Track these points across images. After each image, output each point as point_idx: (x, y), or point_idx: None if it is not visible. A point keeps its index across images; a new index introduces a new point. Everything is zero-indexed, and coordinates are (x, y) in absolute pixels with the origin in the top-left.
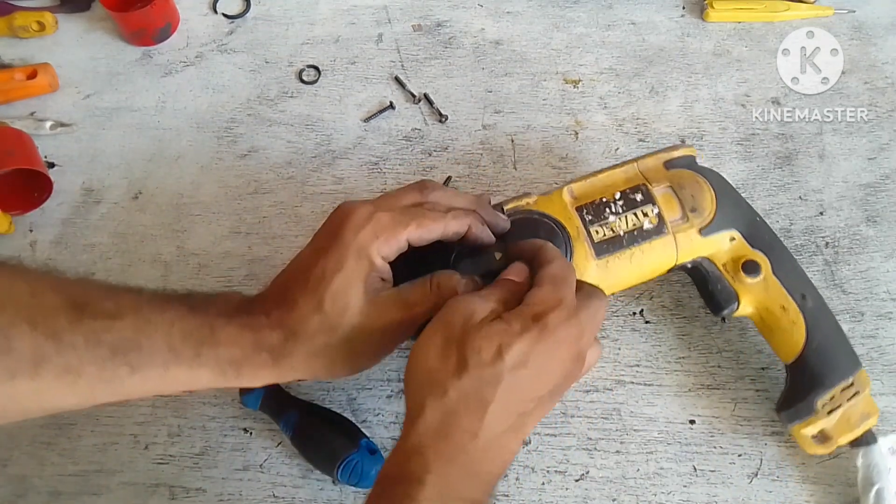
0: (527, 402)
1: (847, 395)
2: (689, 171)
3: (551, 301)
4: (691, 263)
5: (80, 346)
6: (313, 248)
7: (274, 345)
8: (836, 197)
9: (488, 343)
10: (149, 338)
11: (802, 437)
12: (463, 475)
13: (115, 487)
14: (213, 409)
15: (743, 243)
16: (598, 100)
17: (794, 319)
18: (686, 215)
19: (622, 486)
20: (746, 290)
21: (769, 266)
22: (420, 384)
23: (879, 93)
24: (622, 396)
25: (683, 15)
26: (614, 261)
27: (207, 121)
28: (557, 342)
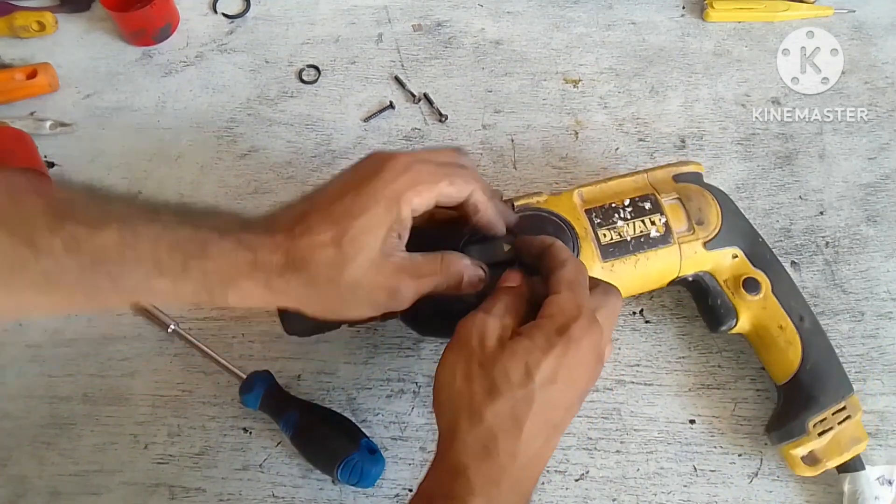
0: (559, 414)
1: (838, 418)
2: (696, 186)
3: (572, 310)
4: (693, 277)
5: (58, 253)
6: (342, 184)
7: (272, 266)
8: (836, 197)
9: (516, 363)
10: (133, 248)
11: (792, 457)
12: (505, 492)
13: (115, 487)
14: (212, 408)
15: (745, 261)
16: (598, 100)
17: (790, 339)
18: (692, 227)
19: (622, 486)
20: (746, 307)
21: (769, 285)
22: (451, 406)
23: (879, 93)
24: (622, 396)
25: (683, 15)
26: (619, 265)
27: (207, 120)
28: (582, 351)
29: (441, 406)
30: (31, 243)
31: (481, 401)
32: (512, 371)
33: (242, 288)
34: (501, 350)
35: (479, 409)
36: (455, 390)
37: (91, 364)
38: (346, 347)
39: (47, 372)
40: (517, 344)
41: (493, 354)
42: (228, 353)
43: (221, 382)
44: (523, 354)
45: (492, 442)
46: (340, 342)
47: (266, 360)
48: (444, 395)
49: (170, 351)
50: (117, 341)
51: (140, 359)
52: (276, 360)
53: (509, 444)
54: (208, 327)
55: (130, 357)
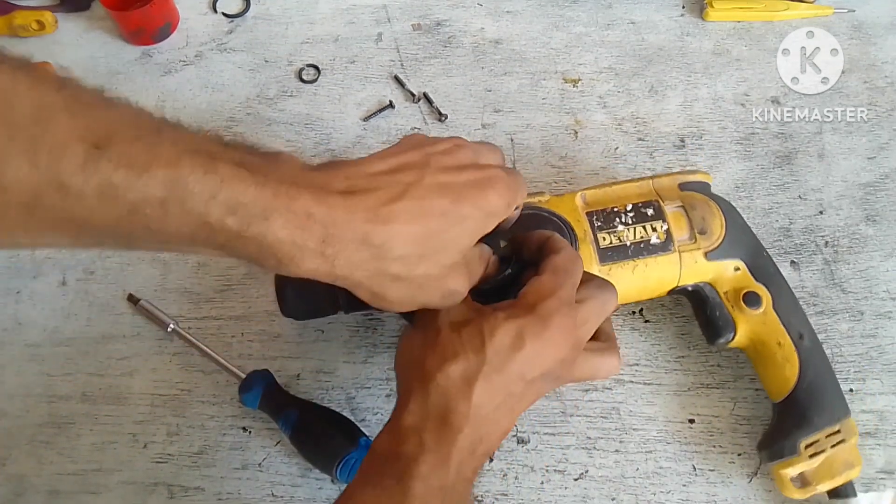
0: (517, 385)
1: (832, 440)
2: (701, 195)
3: (546, 290)
4: (693, 287)
5: (90, 197)
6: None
7: (345, 243)
8: (835, 196)
9: (473, 329)
10: (181, 205)
11: (782, 477)
12: (457, 453)
13: (114, 486)
14: (212, 408)
15: (747, 274)
16: (597, 99)
17: (788, 356)
18: (694, 236)
19: (621, 486)
20: (745, 320)
21: (770, 300)
22: (408, 370)
23: (879, 92)
24: (621, 395)
25: (683, 14)
26: (617, 269)
27: (207, 120)
28: (550, 330)
29: (400, 370)
30: (59, 184)
31: (436, 364)
32: (468, 336)
33: (306, 262)
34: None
35: (433, 372)
36: (414, 356)
37: (90, 363)
38: (346, 347)
39: (46, 371)
40: (480, 314)
41: (455, 324)
42: (227, 353)
43: (220, 381)
44: (481, 321)
45: (444, 403)
46: (339, 341)
47: (265, 359)
48: (404, 360)
49: (169, 350)
50: (116, 340)
51: (139, 358)
52: (276, 360)
53: (461, 405)
54: (207, 326)
55: (129, 356)
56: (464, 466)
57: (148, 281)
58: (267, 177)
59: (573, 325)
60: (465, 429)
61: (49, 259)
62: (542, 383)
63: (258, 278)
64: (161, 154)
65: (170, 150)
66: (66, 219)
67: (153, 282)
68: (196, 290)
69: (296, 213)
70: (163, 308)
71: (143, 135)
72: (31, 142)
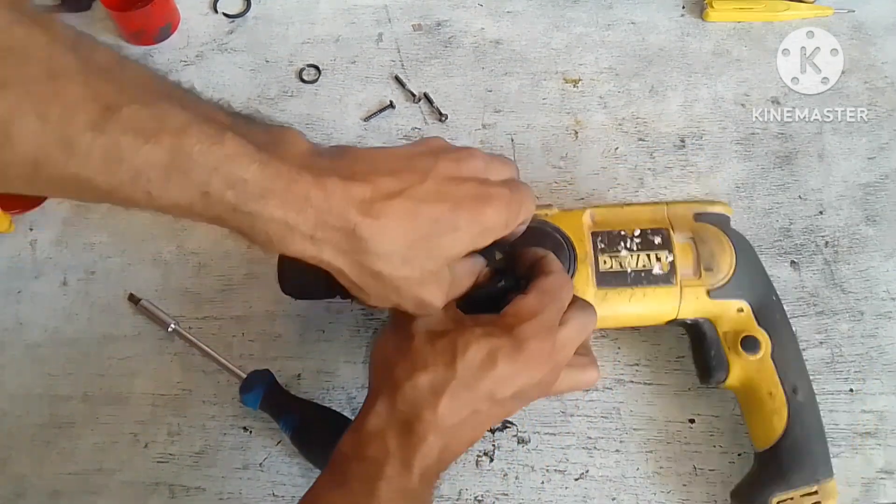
0: (483, 403)
1: (806, 501)
2: (715, 229)
3: (528, 311)
4: (692, 321)
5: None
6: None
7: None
8: (835, 196)
9: (446, 343)
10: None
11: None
12: (419, 459)
13: (115, 486)
14: (212, 408)
15: (750, 317)
16: (597, 99)
17: (777, 409)
18: (699, 271)
19: (622, 486)
20: (740, 364)
21: (769, 348)
22: (380, 373)
23: (879, 92)
24: (622, 395)
25: (683, 15)
26: (613, 295)
27: None
28: (526, 352)
29: (372, 368)
30: (67, 142)
31: (405, 372)
32: (441, 348)
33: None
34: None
35: (401, 380)
36: (386, 358)
37: (91, 363)
38: (346, 347)
39: (47, 371)
40: (458, 326)
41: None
42: (228, 353)
43: (221, 382)
44: (457, 335)
45: (409, 411)
46: (340, 341)
47: (266, 359)
48: (376, 360)
49: (170, 350)
50: (117, 340)
51: (140, 358)
52: (276, 360)
53: (426, 414)
54: (208, 326)
55: (130, 356)
56: (428, 472)
57: (149, 281)
58: (271, 155)
59: (551, 350)
60: (430, 437)
61: (50, 259)
62: (512, 403)
63: (259, 278)
64: (169, 121)
65: (178, 118)
66: (69, 177)
67: (154, 282)
68: (197, 291)
69: (294, 195)
70: (164, 308)
71: (154, 100)
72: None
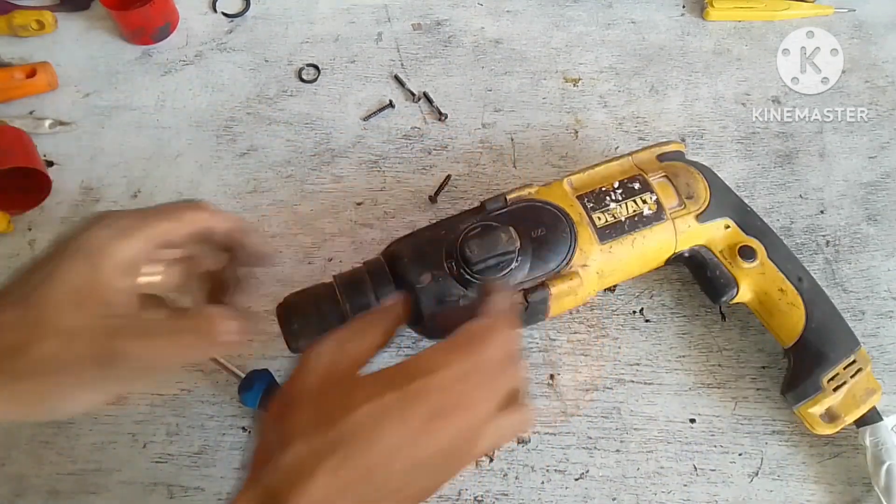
0: (363, 485)
1: (850, 371)
2: (681, 163)
3: (434, 362)
4: (689, 252)
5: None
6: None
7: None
8: (836, 195)
9: (331, 400)
10: None
11: (810, 416)
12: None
13: (114, 486)
14: (211, 407)
15: (737, 230)
16: (598, 98)
17: (792, 301)
18: (683, 202)
19: (622, 485)
20: (744, 275)
21: (764, 251)
22: (254, 439)
23: (880, 91)
24: (622, 395)
25: (683, 13)
26: (617, 246)
27: (207, 119)
28: (413, 414)
29: (254, 438)
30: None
31: (277, 441)
32: (321, 412)
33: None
34: (329, 382)
35: (271, 451)
36: (262, 425)
37: None
38: None
39: None
40: (350, 379)
41: (318, 387)
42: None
43: (220, 381)
44: (347, 391)
45: (275, 490)
46: None
47: (265, 358)
48: (257, 428)
49: None
50: None
51: None
52: (275, 359)
53: (293, 497)
54: None
55: None
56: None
57: None
58: None
59: (454, 414)
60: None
61: None
62: (405, 491)
63: (258, 278)
64: None
65: None
66: None
67: None
68: None
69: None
70: None
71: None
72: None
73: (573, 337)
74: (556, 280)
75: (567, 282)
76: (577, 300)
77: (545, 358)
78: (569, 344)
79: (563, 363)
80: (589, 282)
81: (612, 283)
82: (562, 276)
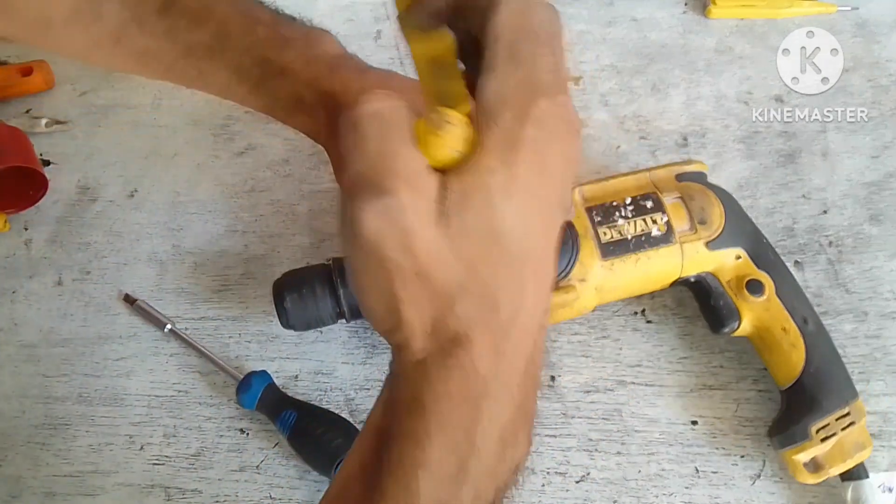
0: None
1: (842, 423)
2: (699, 185)
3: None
4: (695, 277)
5: (159, 36)
6: None
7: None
8: (839, 195)
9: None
10: (221, 53)
11: (794, 463)
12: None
13: (111, 488)
14: (209, 409)
15: (748, 262)
16: (599, 97)
17: (793, 342)
18: (694, 226)
19: (623, 488)
20: (749, 308)
21: (773, 287)
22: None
23: (883, 91)
24: (623, 397)
25: (685, 11)
26: (619, 264)
27: (204, 118)
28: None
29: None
30: (140, 21)
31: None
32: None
33: (301, 118)
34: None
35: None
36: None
37: (86, 364)
38: (344, 347)
39: (42, 372)
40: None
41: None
42: (225, 353)
43: (218, 383)
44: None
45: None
46: (338, 342)
47: (263, 360)
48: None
49: (166, 351)
50: (113, 341)
51: (136, 359)
52: (273, 361)
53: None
54: (205, 327)
55: (126, 357)
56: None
57: (144, 281)
58: (293, 48)
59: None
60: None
61: (45, 259)
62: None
63: (256, 278)
64: (215, 12)
65: (224, 10)
66: (140, 49)
67: (150, 282)
68: (193, 291)
69: (305, 74)
70: (160, 308)
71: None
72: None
73: (574, 338)
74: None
75: (562, 294)
76: (572, 313)
77: (546, 359)
78: (569, 345)
79: (563, 364)
80: (586, 296)
81: (611, 299)
82: (558, 287)
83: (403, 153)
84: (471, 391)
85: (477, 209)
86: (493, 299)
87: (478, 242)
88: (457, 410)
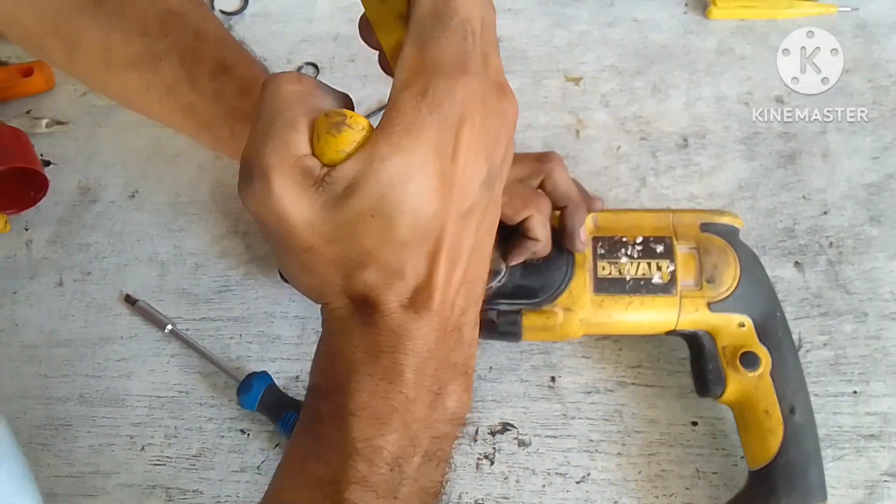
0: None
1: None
2: (721, 241)
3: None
4: (691, 332)
5: (206, 96)
6: None
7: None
8: (839, 196)
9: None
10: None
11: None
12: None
13: (112, 489)
14: (210, 410)
15: (752, 332)
16: (599, 98)
17: (772, 428)
18: (701, 283)
19: (623, 489)
20: (737, 380)
21: (769, 365)
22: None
23: (883, 91)
24: (624, 398)
25: (686, 12)
26: (610, 302)
27: None
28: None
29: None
30: (192, 79)
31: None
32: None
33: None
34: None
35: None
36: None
37: (87, 365)
38: None
39: (43, 372)
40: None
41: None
42: (226, 354)
43: (219, 384)
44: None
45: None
46: None
47: (264, 361)
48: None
49: (167, 352)
50: (114, 342)
51: (136, 360)
52: (274, 361)
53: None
54: (205, 328)
55: (127, 358)
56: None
57: (145, 281)
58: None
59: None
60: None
61: (46, 260)
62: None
63: (257, 279)
64: (257, 80)
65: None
66: (184, 105)
67: (151, 282)
68: (194, 292)
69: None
70: (160, 309)
71: (254, 65)
72: (184, 49)
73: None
74: (532, 313)
75: (543, 318)
76: (555, 337)
77: (546, 360)
78: (570, 346)
79: (564, 365)
80: (569, 325)
81: (598, 333)
82: (542, 311)
83: (286, 139)
84: (384, 345)
85: (365, 195)
86: (398, 270)
87: (371, 224)
88: (375, 361)
